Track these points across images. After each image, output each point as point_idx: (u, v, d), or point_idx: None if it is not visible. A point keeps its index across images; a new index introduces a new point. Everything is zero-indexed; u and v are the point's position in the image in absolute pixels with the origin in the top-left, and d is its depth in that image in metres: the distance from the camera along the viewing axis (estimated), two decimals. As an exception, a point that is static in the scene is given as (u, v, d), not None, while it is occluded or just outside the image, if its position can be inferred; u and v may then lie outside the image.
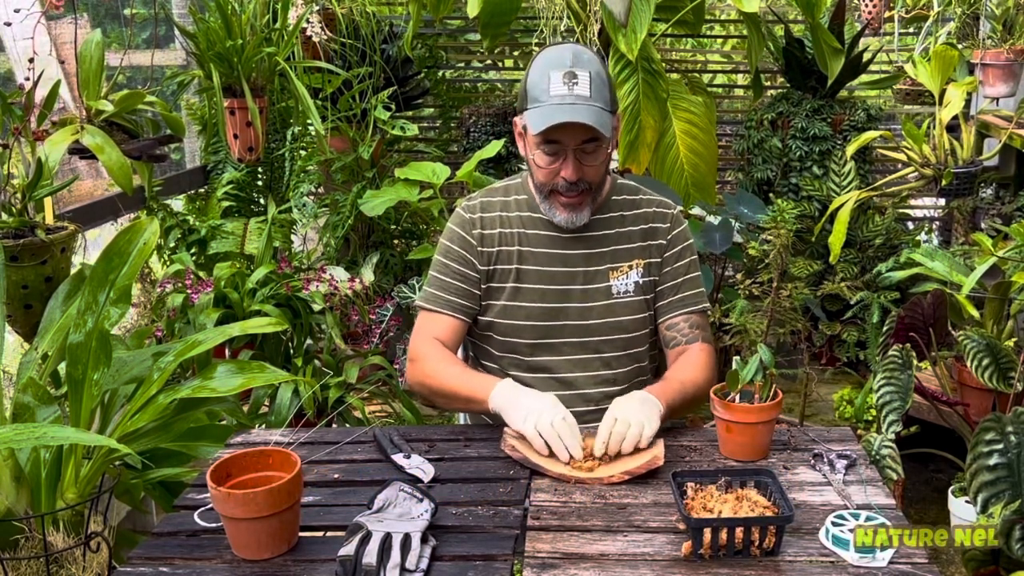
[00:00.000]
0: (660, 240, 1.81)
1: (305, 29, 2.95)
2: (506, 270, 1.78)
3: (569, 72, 1.63)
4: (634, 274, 1.79)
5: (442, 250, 1.82)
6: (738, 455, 1.51)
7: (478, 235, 1.79)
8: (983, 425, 1.83)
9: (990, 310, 2.59)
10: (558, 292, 1.77)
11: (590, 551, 1.25)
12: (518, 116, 1.74)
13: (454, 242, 1.81)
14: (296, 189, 3.32)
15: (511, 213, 1.81)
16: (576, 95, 1.62)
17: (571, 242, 1.78)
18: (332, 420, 2.41)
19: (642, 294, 1.80)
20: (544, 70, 1.65)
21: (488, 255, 1.79)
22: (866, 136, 3.28)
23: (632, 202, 1.83)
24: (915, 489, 2.89)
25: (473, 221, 1.81)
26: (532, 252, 1.78)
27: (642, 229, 1.81)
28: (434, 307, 1.79)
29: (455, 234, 1.81)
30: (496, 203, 1.83)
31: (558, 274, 1.77)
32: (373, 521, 1.25)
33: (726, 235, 3.01)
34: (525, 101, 1.68)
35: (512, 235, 1.79)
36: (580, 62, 1.65)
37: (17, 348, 2.26)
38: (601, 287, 1.77)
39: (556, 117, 1.61)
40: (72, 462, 1.62)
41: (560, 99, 1.62)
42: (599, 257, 1.78)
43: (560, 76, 1.63)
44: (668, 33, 3.79)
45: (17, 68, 2.46)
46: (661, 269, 1.81)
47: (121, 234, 1.80)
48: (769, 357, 1.48)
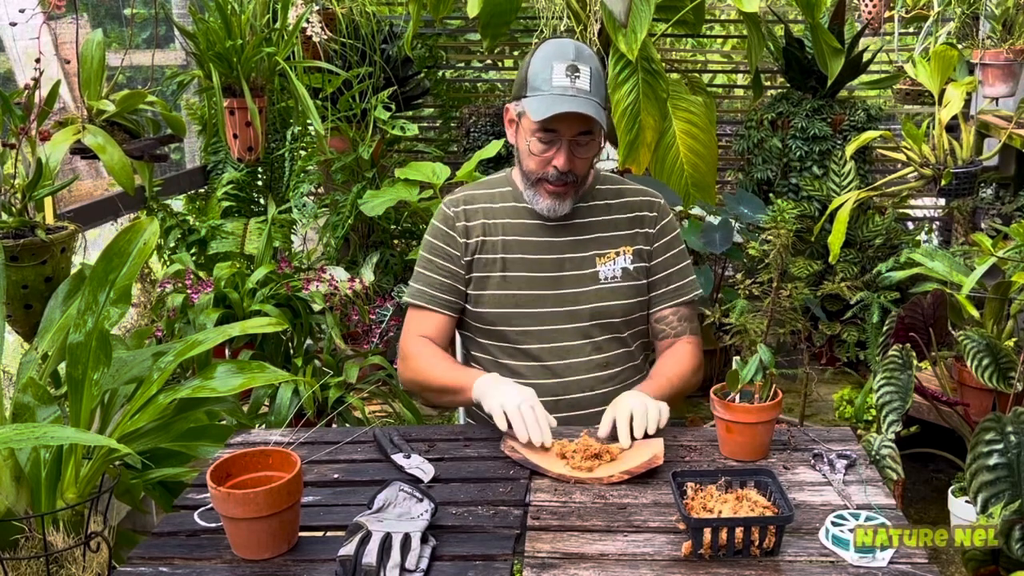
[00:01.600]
0: (648, 228, 1.84)
1: (305, 29, 2.95)
2: (491, 259, 1.80)
3: (572, 65, 1.66)
4: (621, 260, 1.81)
5: (426, 246, 1.85)
6: (738, 455, 1.51)
7: (461, 227, 1.82)
8: (983, 425, 1.83)
9: (990, 310, 2.59)
10: (546, 279, 1.79)
11: (590, 551, 1.25)
12: (512, 103, 1.76)
13: (437, 238, 1.84)
14: (296, 189, 3.32)
15: (495, 204, 1.84)
16: (577, 88, 1.65)
17: (557, 230, 1.80)
18: (332, 420, 2.41)
19: (632, 280, 1.82)
20: (547, 60, 1.67)
21: (471, 246, 1.81)
22: (866, 136, 3.28)
23: (616, 191, 1.86)
24: (915, 489, 2.89)
25: (456, 215, 1.83)
26: (518, 241, 1.80)
27: (628, 217, 1.84)
28: (421, 303, 1.83)
29: (438, 230, 1.84)
30: (480, 195, 1.86)
31: (545, 261, 1.79)
32: (373, 521, 1.25)
33: (726, 235, 3.01)
34: (524, 88, 1.70)
35: (496, 225, 1.82)
36: (582, 57, 1.68)
37: (17, 348, 2.26)
38: (588, 272, 1.80)
39: (559, 107, 1.63)
40: (72, 462, 1.62)
41: (562, 90, 1.65)
42: (585, 244, 1.80)
43: (563, 68, 1.65)
44: (668, 33, 3.79)
45: (17, 68, 2.47)
46: (652, 258, 1.84)
47: (121, 234, 1.80)
48: (769, 357, 1.48)
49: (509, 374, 1.80)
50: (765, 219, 2.17)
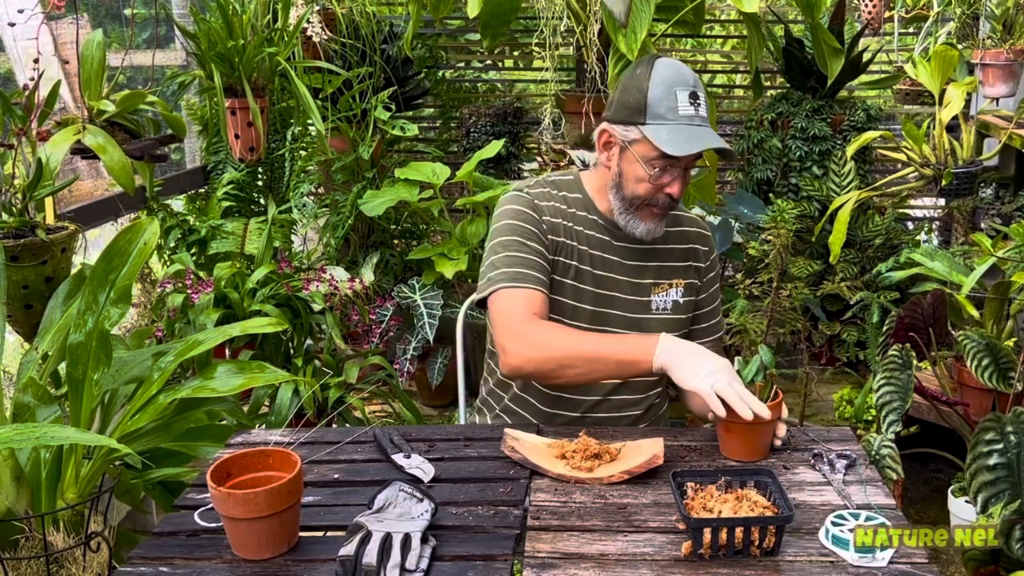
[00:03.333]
0: (700, 263, 1.83)
1: (306, 29, 2.95)
2: (566, 264, 1.74)
3: (693, 92, 1.62)
4: (674, 292, 1.79)
5: (509, 229, 1.71)
6: (738, 455, 1.51)
7: (547, 221, 1.73)
8: (983, 425, 1.83)
9: (990, 310, 2.59)
10: (606, 298, 1.76)
11: (590, 551, 1.26)
12: (621, 126, 1.67)
13: (525, 221, 1.71)
14: (296, 189, 3.32)
15: (569, 208, 1.77)
16: (701, 116, 1.63)
17: (623, 251, 1.77)
18: (332, 420, 2.41)
19: (680, 313, 1.80)
20: (669, 87, 1.62)
21: (552, 244, 1.73)
22: (866, 136, 3.28)
23: (675, 218, 1.82)
24: (915, 489, 2.89)
25: (538, 207, 1.74)
26: (590, 253, 1.75)
27: (684, 248, 1.82)
28: (520, 284, 1.65)
29: (522, 213, 1.72)
30: (556, 196, 1.78)
31: (607, 280, 1.76)
32: (373, 521, 1.25)
33: (726, 235, 3.02)
34: (642, 115, 1.62)
35: (572, 231, 1.75)
36: (698, 83, 1.64)
37: (17, 348, 2.27)
38: (642, 300, 1.77)
39: (696, 141, 1.60)
40: (72, 462, 1.62)
41: (689, 120, 1.61)
42: (645, 271, 1.78)
43: (686, 96, 1.61)
44: (668, 33, 3.79)
45: (17, 68, 2.47)
46: (700, 293, 1.83)
47: (121, 234, 1.80)
48: (770, 358, 1.48)
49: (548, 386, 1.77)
50: (765, 219, 2.17)
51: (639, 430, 1.71)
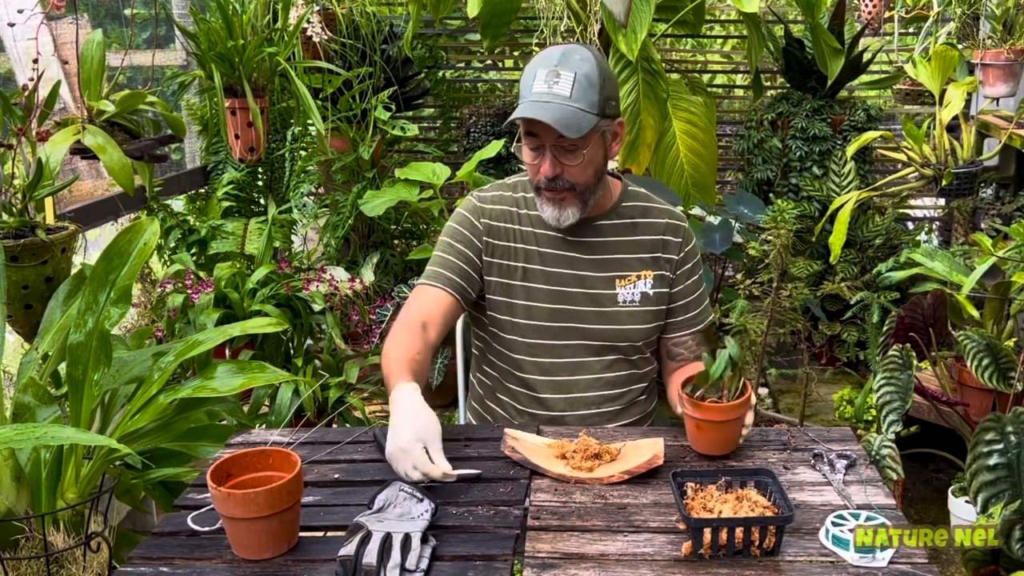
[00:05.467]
0: (672, 255, 1.80)
1: (306, 29, 2.95)
2: (512, 267, 1.77)
3: (553, 71, 1.62)
4: (642, 284, 1.78)
5: (448, 232, 1.81)
6: (709, 450, 1.52)
7: (486, 225, 1.78)
8: (983, 425, 1.83)
9: (990, 310, 2.59)
10: (563, 294, 1.76)
11: (590, 551, 1.26)
12: None
13: (462, 225, 1.80)
14: (296, 189, 3.32)
15: (522, 210, 1.80)
16: (554, 93, 1.61)
17: (578, 246, 1.77)
18: (332, 420, 2.41)
19: (651, 305, 1.79)
20: (533, 67, 1.65)
21: (494, 247, 1.78)
22: (866, 136, 3.28)
23: (643, 209, 1.81)
24: (915, 489, 2.89)
25: (484, 210, 1.80)
26: (540, 252, 1.77)
27: (653, 240, 1.80)
28: (428, 282, 1.76)
29: (464, 218, 1.81)
30: (508, 198, 1.81)
31: (564, 276, 1.76)
32: (373, 521, 1.25)
33: (726, 235, 3.01)
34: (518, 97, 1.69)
35: (521, 232, 1.78)
36: (568, 62, 1.62)
37: (17, 348, 2.27)
38: (607, 294, 1.76)
39: (524, 112, 1.61)
40: (72, 462, 1.62)
41: (537, 96, 1.61)
42: (606, 264, 1.77)
43: (544, 74, 1.62)
44: (668, 33, 3.79)
45: (17, 68, 2.47)
46: (673, 285, 1.81)
47: (121, 234, 1.80)
48: (737, 351, 1.47)
49: (518, 384, 1.80)
50: (765, 219, 2.17)
51: (639, 430, 1.71)
